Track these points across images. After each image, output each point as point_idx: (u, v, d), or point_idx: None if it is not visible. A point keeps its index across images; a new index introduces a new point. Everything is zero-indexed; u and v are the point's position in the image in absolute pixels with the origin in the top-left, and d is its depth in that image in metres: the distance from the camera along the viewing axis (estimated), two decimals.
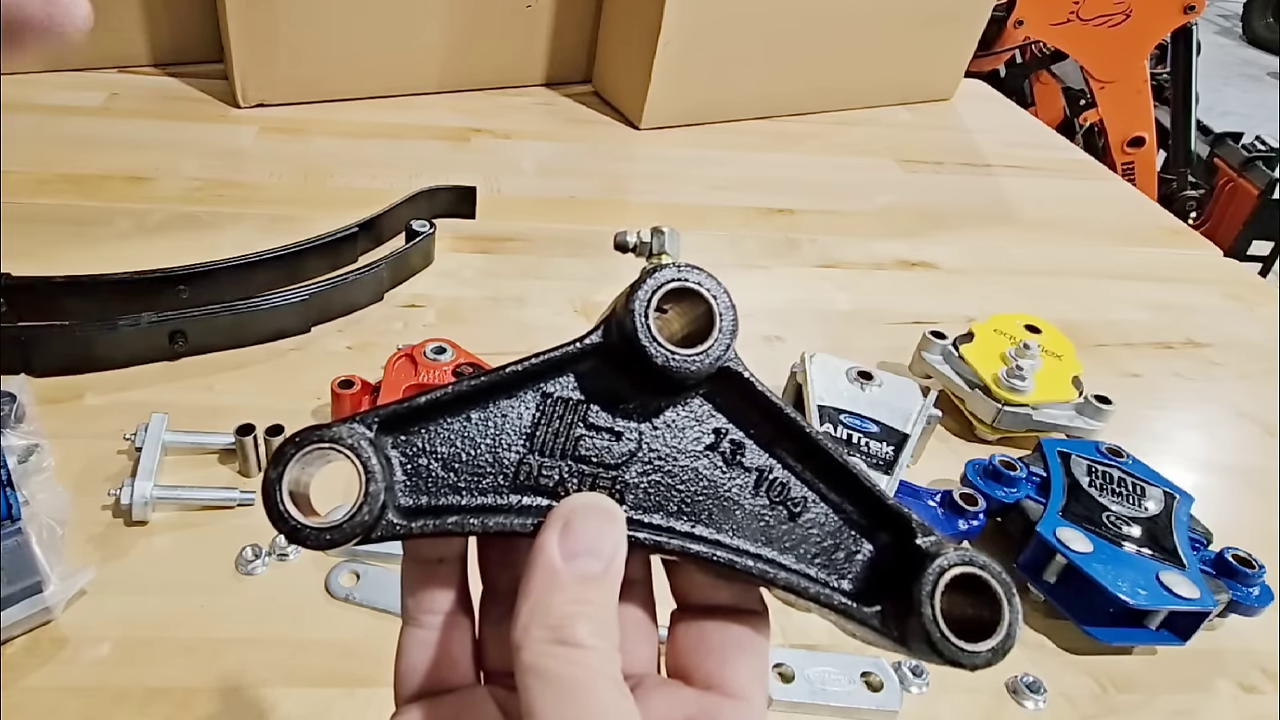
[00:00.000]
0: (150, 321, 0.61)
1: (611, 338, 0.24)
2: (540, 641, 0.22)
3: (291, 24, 0.94)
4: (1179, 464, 0.68)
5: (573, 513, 0.23)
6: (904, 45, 1.15)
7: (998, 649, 0.23)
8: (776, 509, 0.25)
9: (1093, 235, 0.99)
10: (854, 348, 0.73)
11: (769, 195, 0.97)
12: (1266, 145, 2.26)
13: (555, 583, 0.22)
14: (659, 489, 0.24)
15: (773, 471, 0.25)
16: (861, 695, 0.47)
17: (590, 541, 0.23)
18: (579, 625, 0.22)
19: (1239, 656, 0.53)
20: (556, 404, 0.24)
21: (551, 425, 0.24)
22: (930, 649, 0.23)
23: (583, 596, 0.22)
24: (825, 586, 0.25)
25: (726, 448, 0.25)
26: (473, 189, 0.84)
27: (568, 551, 0.23)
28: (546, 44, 1.10)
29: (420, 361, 0.59)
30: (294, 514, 0.22)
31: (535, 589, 0.22)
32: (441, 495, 0.24)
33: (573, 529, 0.23)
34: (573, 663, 0.21)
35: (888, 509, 0.25)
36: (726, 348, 0.23)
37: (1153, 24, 1.73)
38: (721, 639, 0.26)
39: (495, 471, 0.24)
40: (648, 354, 0.23)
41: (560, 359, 0.24)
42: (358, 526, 0.22)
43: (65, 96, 0.95)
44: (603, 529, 0.23)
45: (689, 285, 0.23)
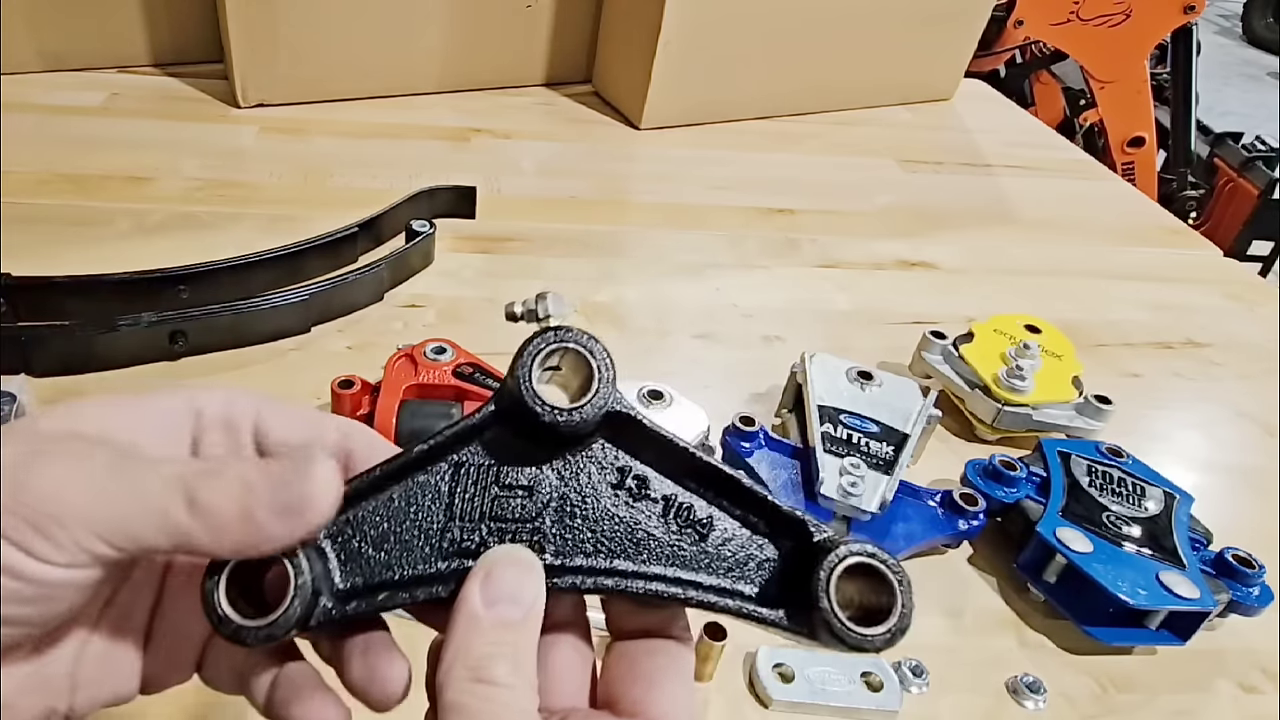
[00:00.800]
0: (150, 321, 0.61)
1: (504, 403, 0.26)
2: (461, 680, 0.23)
3: (291, 24, 0.94)
4: (1179, 464, 0.68)
5: (494, 564, 0.25)
6: (904, 45, 1.15)
7: (895, 630, 0.24)
8: (686, 532, 0.27)
9: (1093, 235, 0.99)
10: (854, 348, 0.73)
11: (769, 195, 0.97)
12: (1266, 145, 2.26)
13: (476, 628, 0.24)
14: (576, 533, 0.26)
15: (678, 498, 0.27)
16: (861, 695, 0.47)
17: (509, 589, 0.24)
18: (497, 665, 0.23)
19: (1239, 656, 0.53)
20: (469, 471, 0.26)
21: (467, 491, 0.26)
22: (834, 638, 0.24)
23: (502, 639, 0.24)
24: (736, 598, 0.26)
25: (632, 484, 0.27)
26: (473, 189, 0.84)
27: (488, 599, 0.24)
28: (546, 44, 1.10)
29: (420, 361, 0.59)
30: (233, 616, 0.24)
31: (458, 634, 0.24)
32: (375, 573, 0.25)
33: (493, 578, 0.25)
34: (490, 699, 0.23)
35: (785, 515, 0.27)
36: (609, 396, 0.25)
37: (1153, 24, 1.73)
38: (647, 666, 0.27)
39: (422, 543, 0.26)
40: (537, 414, 0.25)
41: (464, 430, 0.26)
42: (292, 619, 0.24)
43: (65, 96, 0.95)
44: (522, 578, 0.25)
45: (567, 345, 0.26)
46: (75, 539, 0.22)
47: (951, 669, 0.50)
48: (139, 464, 0.24)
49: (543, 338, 0.25)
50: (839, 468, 0.54)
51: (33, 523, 0.22)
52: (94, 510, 0.23)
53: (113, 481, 0.23)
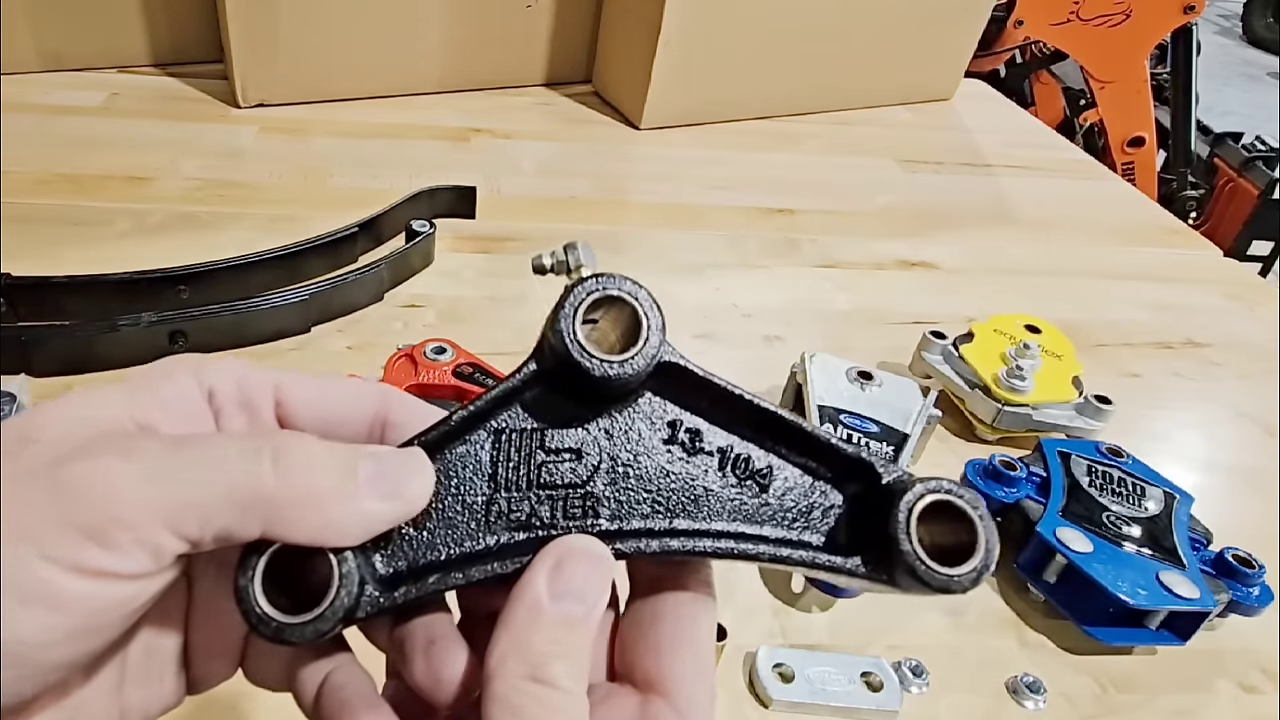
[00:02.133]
0: (150, 321, 0.61)
1: (547, 362, 0.24)
2: (515, 676, 0.21)
3: (291, 24, 0.94)
4: (1179, 464, 0.68)
5: (566, 553, 0.23)
6: (904, 45, 1.15)
7: (980, 567, 0.23)
8: (746, 484, 0.25)
9: (1093, 235, 0.99)
10: (854, 348, 0.73)
11: (769, 195, 0.97)
12: (1266, 145, 2.26)
13: (539, 620, 0.22)
14: (630, 494, 0.25)
15: (734, 449, 0.25)
16: (861, 695, 0.47)
17: (579, 584, 0.23)
18: (556, 665, 0.22)
19: (1239, 656, 0.53)
20: (510, 437, 0.24)
21: (511, 460, 0.24)
22: (918, 581, 0.23)
23: (563, 638, 0.22)
24: (805, 549, 0.25)
25: (685, 437, 0.25)
26: (473, 189, 0.84)
27: (556, 591, 0.23)
28: (546, 44, 1.10)
29: (420, 361, 0.59)
30: (273, 614, 0.22)
31: (517, 623, 0.22)
32: (420, 554, 0.24)
33: (564, 569, 0.23)
34: (544, 703, 0.21)
35: (849, 458, 0.25)
36: (659, 345, 0.24)
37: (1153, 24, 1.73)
38: (657, 634, 0.25)
39: (466, 519, 0.24)
40: (584, 369, 0.23)
41: (504, 394, 0.24)
42: (339, 610, 0.22)
43: (65, 96, 0.95)
44: (592, 572, 0.23)
45: (610, 293, 0.24)
46: (142, 537, 0.19)
47: (951, 669, 0.50)
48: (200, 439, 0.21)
49: (584, 286, 0.24)
50: None
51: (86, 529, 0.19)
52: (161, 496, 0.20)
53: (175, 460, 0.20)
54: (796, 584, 0.53)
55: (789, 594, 0.53)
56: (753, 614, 0.51)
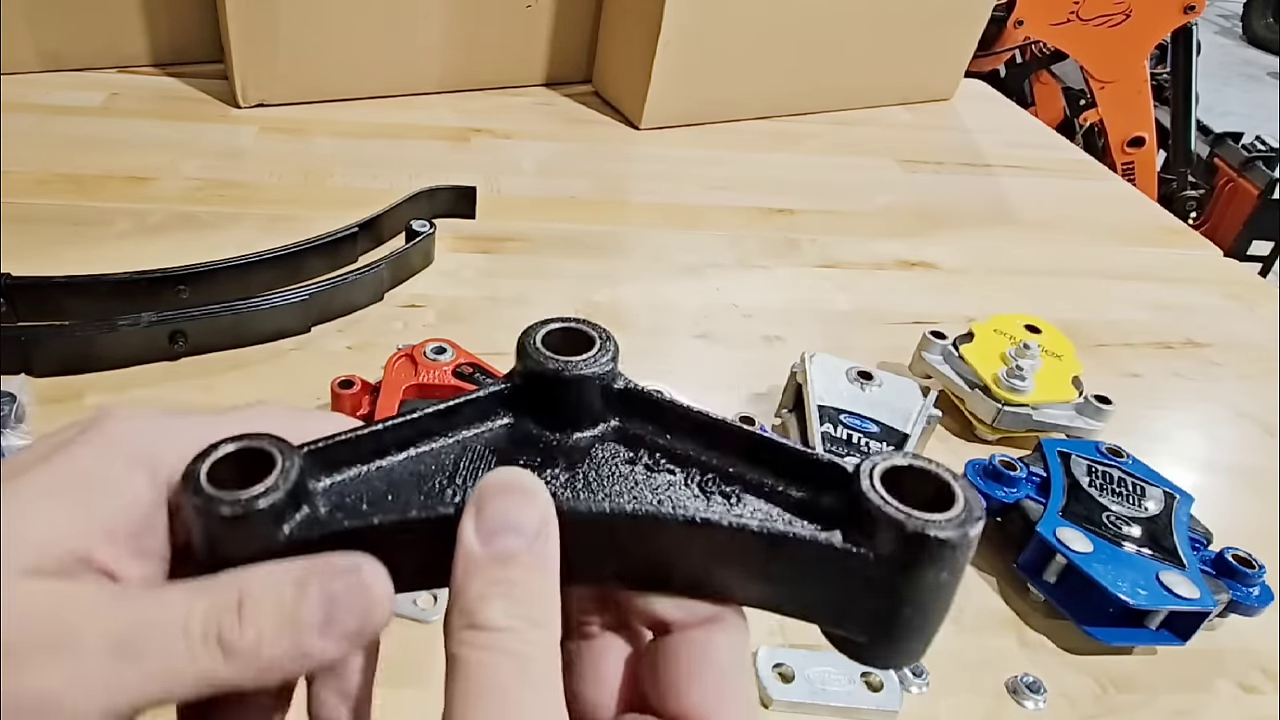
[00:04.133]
0: (150, 321, 0.61)
1: (515, 377, 0.26)
2: (455, 629, 0.20)
3: (291, 24, 0.94)
4: (1179, 464, 0.68)
5: (485, 491, 0.22)
6: (904, 45, 1.15)
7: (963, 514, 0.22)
8: (713, 499, 0.24)
9: (1093, 235, 0.99)
10: (854, 348, 0.73)
11: (769, 195, 0.97)
12: (1266, 145, 2.26)
13: (473, 566, 0.21)
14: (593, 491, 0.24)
15: (695, 469, 0.25)
16: (861, 695, 0.47)
17: (506, 518, 0.21)
18: (492, 606, 0.20)
19: (1239, 656, 0.53)
20: (476, 450, 0.25)
21: (473, 464, 0.25)
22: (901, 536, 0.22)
23: (501, 577, 0.21)
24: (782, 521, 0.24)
25: (646, 457, 0.25)
26: (473, 189, 0.84)
27: (485, 532, 0.21)
28: (546, 44, 1.10)
29: (420, 361, 0.59)
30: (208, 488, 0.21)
31: (456, 578, 0.21)
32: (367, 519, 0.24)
33: (486, 508, 0.21)
34: (480, 646, 0.20)
35: (820, 464, 0.24)
36: (611, 354, 0.25)
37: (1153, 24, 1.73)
38: (677, 660, 0.24)
39: (421, 498, 0.24)
40: (543, 368, 0.24)
41: (472, 408, 0.25)
42: (273, 500, 0.21)
43: (65, 96, 0.95)
44: (521, 504, 0.22)
45: (569, 325, 0.26)
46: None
47: (951, 669, 0.50)
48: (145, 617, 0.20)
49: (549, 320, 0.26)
50: None
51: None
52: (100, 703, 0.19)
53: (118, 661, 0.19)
54: None
55: None
56: (753, 614, 0.51)
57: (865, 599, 0.24)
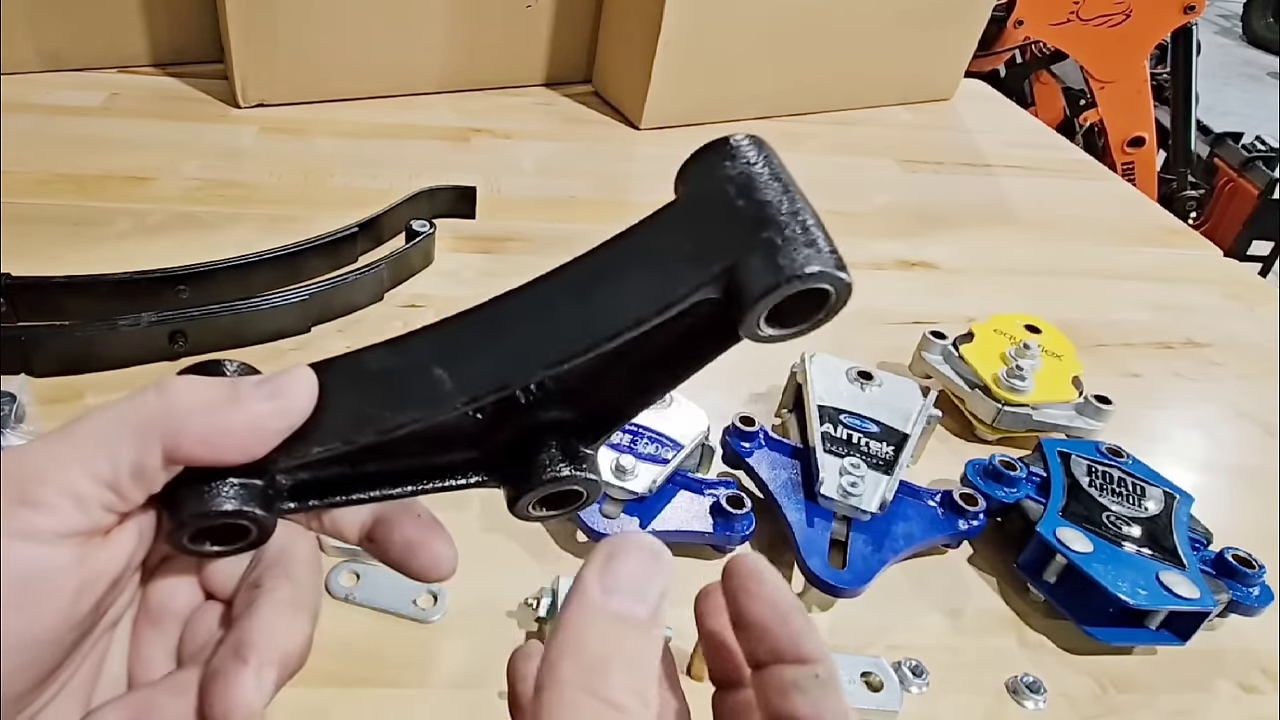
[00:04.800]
0: (150, 321, 0.61)
1: None
2: (569, 685, 0.19)
3: (291, 24, 0.94)
4: (1179, 464, 0.68)
5: (617, 547, 0.21)
6: (904, 45, 1.15)
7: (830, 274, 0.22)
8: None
9: (1093, 235, 0.99)
10: (854, 348, 0.73)
11: None
12: (1266, 145, 2.25)
13: (592, 617, 0.20)
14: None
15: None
16: (861, 695, 0.47)
17: (632, 580, 0.21)
18: (614, 674, 0.19)
19: (1239, 656, 0.53)
20: None
21: None
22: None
23: (622, 638, 0.20)
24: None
25: None
26: (473, 189, 0.84)
27: (608, 586, 0.21)
28: (546, 44, 1.10)
29: None
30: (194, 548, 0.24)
31: (570, 621, 0.20)
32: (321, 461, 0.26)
33: (614, 562, 0.21)
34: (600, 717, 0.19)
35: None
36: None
37: (1153, 24, 1.73)
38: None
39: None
40: None
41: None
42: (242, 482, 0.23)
43: (65, 96, 0.95)
44: (647, 569, 0.21)
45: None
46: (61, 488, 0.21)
47: (951, 669, 0.50)
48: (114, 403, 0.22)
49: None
50: (839, 468, 0.54)
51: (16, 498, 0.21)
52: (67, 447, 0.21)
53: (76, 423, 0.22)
54: (796, 584, 0.53)
55: None
56: None
57: None
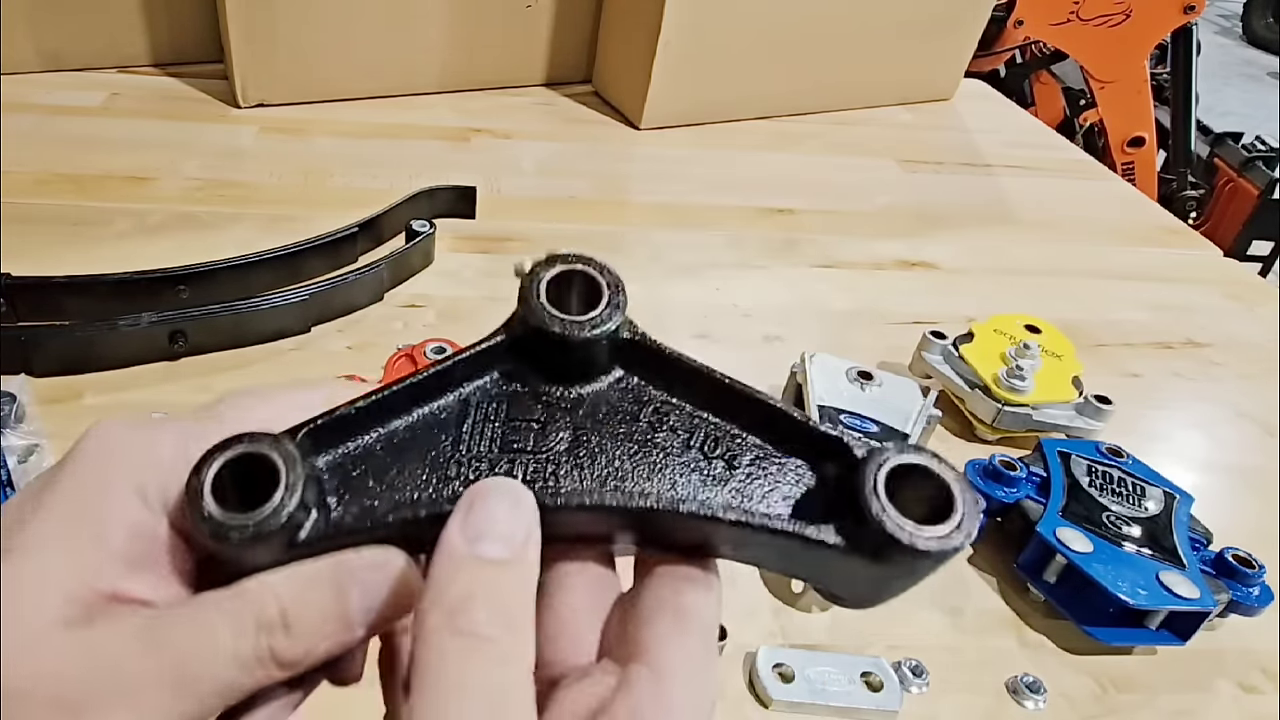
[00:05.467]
0: (150, 321, 0.61)
1: (514, 332, 0.25)
2: (432, 630, 0.20)
3: (291, 24, 0.94)
4: (1179, 464, 0.68)
5: (477, 495, 0.22)
6: (904, 45, 1.15)
7: (960, 529, 0.22)
8: (713, 461, 0.24)
9: (1093, 235, 0.99)
10: (854, 348, 0.73)
11: (769, 195, 0.97)
12: (1266, 145, 2.25)
13: (455, 566, 0.21)
14: (594, 471, 0.24)
15: (702, 429, 0.25)
16: (861, 695, 0.47)
17: (495, 524, 0.21)
18: (475, 611, 0.20)
19: (1239, 656, 0.53)
20: (479, 404, 0.25)
21: (478, 424, 0.24)
22: (892, 544, 0.22)
23: (485, 579, 0.20)
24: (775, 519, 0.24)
25: (651, 416, 0.25)
26: (473, 189, 0.84)
27: (470, 534, 0.21)
28: (546, 44, 1.10)
29: (420, 361, 0.59)
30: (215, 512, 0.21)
31: (435, 574, 0.21)
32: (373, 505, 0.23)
33: (475, 511, 0.21)
34: (469, 654, 0.19)
35: (824, 437, 0.24)
36: (618, 308, 0.24)
37: (1153, 24, 1.73)
38: (642, 602, 0.24)
39: (427, 476, 0.24)
40: (546, 329, 0.24)
41: (473, 360, 0.25)
42: (281, 518, 0.21)
43: (65, 96, 0.95)
44: (510, 511, 0.21)
45: (574, 267, 0.25)
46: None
47: (951, 669, 0.50)
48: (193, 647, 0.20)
49: (549, 260, 0.25)
50: None
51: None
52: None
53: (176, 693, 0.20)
54: (796, 583, 0.53)
55: (789, 594, 0.53)
56: (753, 614, 0.51)
57: (850, 578, 0.24)
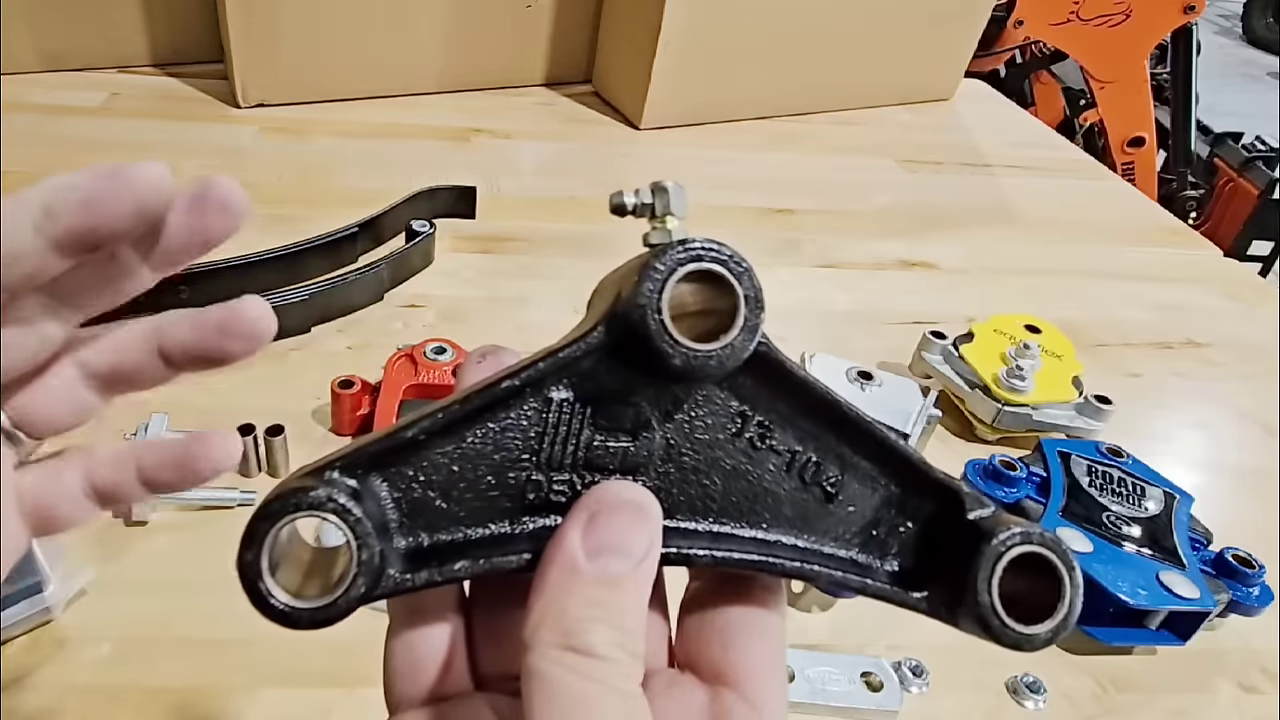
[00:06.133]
0: None
1: (618, 335, 0.21)
2: (550, 646, 0.19)
3: (291, 24, 0.94)
4: (1179, 464, 0.68)
5: (600, 504, 0.21)
6: (904, 45, 1.15)
7: (1058, 628, 0.21)
8: (811, 490, 0.23)
9: (1093, 235, 0.99)
10: (854, 348, 0.73)
11: (769, 195, 0.97)
12: (1266, 145, 2.26)
13: (574, 581, 0.20)
14: (684, 487, 0.22)
15: (805, 452, 0.23)
16: (861, 695, 0.47)
17: (619, 537, 0.20)
18: (596, 632, 0.19)
19: (1239, 656, 0.53)
20: (562, 410, 0.21)
21: (559, 434, 0.22)
22: (987, 633, 0.21)
23: (604, 599, 0.20)
24: (870, 575, 0.23)
25: (753, 432, 0.22)
26: (473, 189, 0.84)
27: (592, 548, 0.20)
28: (546, 44, 1.10)
29: (420, 361, 0.59)
30: (280, 597, 0.20)
31: (551, 586, 0.20)
32: (443, 530, 0.21)
33: (599, 523, 0.20)
34: (583, 674, 0.19)
35: (933, 480, 0.23)
36: (755, 331, 0.20)
37: (1153, 24, 1.73)
38: (726, 622, 0.23)
39: (500, 494, 0.21)
40: (664, 354, 0.20)
41: (563, 361, 0.21)
42: (354, 598, 0.20)
43: (65, 96, 0.95)
44: (635, 525, 0.21)
45: (707, 268, 0.20)
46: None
47: (951, 669, 0.50)
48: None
49: (677, 252, 0.20)
50: None
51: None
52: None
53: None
54: (796, 584, 0.53)
55: (789, 594, 0.53)
56: None
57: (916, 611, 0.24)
